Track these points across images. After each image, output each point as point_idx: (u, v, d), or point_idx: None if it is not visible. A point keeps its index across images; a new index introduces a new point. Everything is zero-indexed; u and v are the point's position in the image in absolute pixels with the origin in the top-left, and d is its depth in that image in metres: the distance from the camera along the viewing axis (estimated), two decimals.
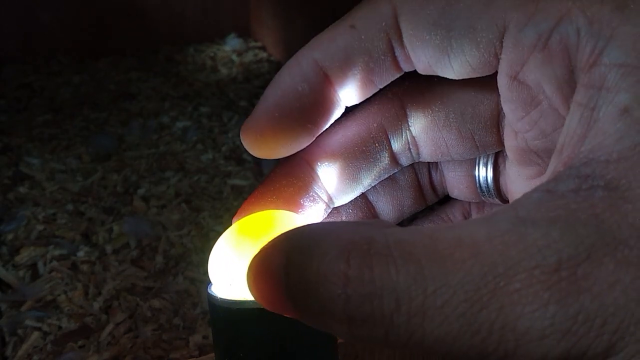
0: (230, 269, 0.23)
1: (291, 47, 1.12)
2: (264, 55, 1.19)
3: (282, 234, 0.19)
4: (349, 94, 0.24)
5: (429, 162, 0.28)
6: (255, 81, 1.08)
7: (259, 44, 1.23)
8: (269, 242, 0.19)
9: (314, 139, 0.25)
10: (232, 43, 1.22)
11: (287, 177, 0.25)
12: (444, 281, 0.17)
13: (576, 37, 0.20)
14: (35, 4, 1.12)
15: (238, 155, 0.84)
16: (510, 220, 0.17)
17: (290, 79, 0.24)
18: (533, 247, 0.17)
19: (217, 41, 1.23)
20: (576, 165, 0.18)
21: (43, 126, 0.92)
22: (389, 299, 0.17)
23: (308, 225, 0.19)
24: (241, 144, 0.24)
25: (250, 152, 0.24)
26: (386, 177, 0.27)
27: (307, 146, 0.25)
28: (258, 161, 0.83)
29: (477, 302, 0.16)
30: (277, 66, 1.14)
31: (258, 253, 0.19)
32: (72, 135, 0.89)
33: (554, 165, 0.20)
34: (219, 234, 0.24)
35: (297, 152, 0.25)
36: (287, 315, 0.19)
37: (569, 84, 0.21)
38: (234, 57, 1.18)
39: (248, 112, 0.98)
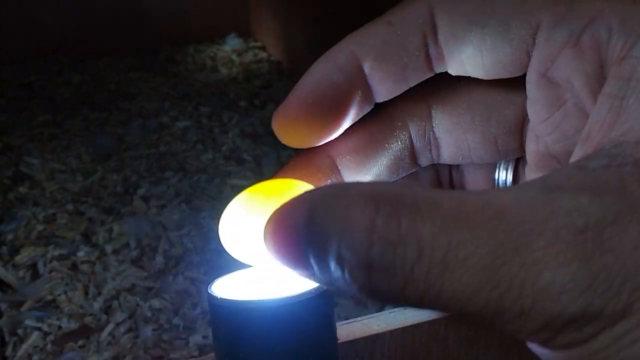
0: (241, 226, 0.23)
1: (291, 47, 1.12)
2: (264, 55, 1.19)
3: (305, 192, 0.19)
4: (381, 87, 0.25)
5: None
6: (255, 81, 1.08)
7: (259, 44, 1.23)
8: (291, 198, 0.19)
9: (343, 129, 0.25)
10: (232, 43, 1.22)
11: (307, 167, 0.26)
12: (468, 235, 0.17)
13: (607, 34, 0.21)
14: (35, 4, 1.12)
15: (238, 155, 0.84)
16: (540, 188, 0.18)
17: (325, 69, 0.24)
18: (561, 209, 0.17)
19: (217, 41, 1.23)
20: (607, 147, 0.19)
21: (43, 126, 0.92)
22: (412, 248, 0.17)
23: (335, 183, 0.20)
24: (241, 143, 0.24)
25: (280, 139, 0.25)
26: (403, 175, 0.27)
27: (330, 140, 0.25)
28: (258, 161, 0.83)
29: (499, 257, 0.17)
30: (277, 66, 1.14)
31: (278, 207, 0.19)
32: (72, 135, 0.89)
33: (580, 151, 0.21)
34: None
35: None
36: (303, 275, 0.19)
37: (597, 80, 0.21)
38: (234, 57, 1.18)
39: (248, 112, 0.98)
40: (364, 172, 0.26)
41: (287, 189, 0.24)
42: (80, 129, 0.91)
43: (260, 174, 0.80)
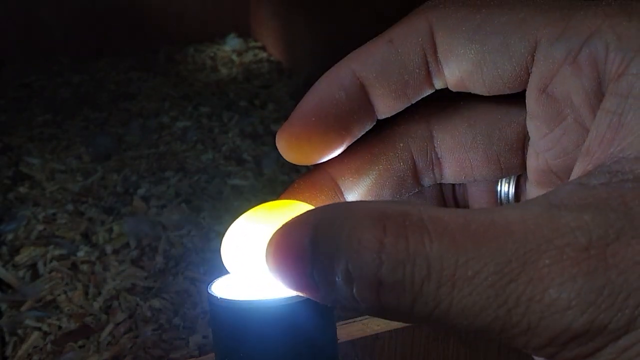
0: (243, 250, 0.23)
1: (291, 47, 1.12)
2: (264, 55, 1.19)
3: (307, 211, 0.19)
4: (382, 104, 0.25)
5: None
6: (255, 81, 1.08)
7: (259, 44, 1.23)
8: (292, 218, 0.19)
9: (345, 147, 0.25)
10: (232, 43, 1.22)
11: (310, 189, 0.26)
12: (476, 253, 0.17)
13: (605, 51, 0.21)
14: (35, 4, 1.12)
15: (238, 155, 0.85)
16: (544, 206, 0.18)
17: (328, 87, 0.25)
18: (565, 227, 0.18)
19: (217, 41, 1.24)
20: (607, 163, 0.19)
21: (43, 126, 0.92)
22: (421, 266, 0.17)
23: (339, 202, 0.20)
24: (241, 144, 0.25)
25: (284, 156, 0.25)
26: (407, 196, 0.27)
27: (332, 161, 0.26)
28: (258, 161, 0.83)
29: (506, 275, 0.17)
30: (277, 66, 1.14)
31: (280, 227, 0.19)
32: (72, 135, 0.89)
33: (580, 167, 0.21)
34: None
35: (321, 165, 0.26)
36: (305, 294, 0.19)
37: (596, 95, 0.22)
38: (234, 57, 1.18)
39: (248, 112, 0.98)
40: (367, 193, 0.26)
41: (289, 209, 0.24)
42: (80, 129, 0.91)
43: (260, 174, 0.80)
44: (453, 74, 0.24)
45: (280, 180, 0.79)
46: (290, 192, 0.26)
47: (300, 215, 0.20)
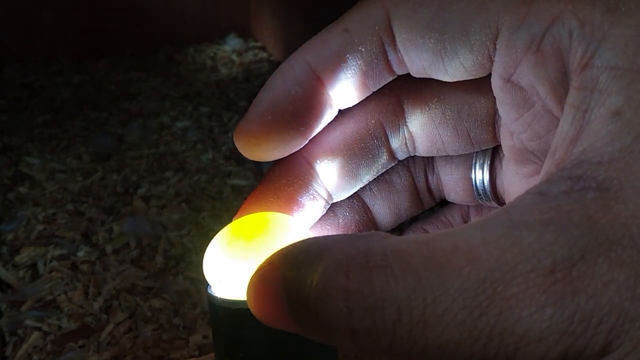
0: (221, 268, 0.23)
1: (291, 47, 1.12)
2: (264, 55, 1.19)
3: (278, 251, 0.19)
4: (342, 97, 0.25)
5: (425, 165, 0.28)
6: (255, 81, 1.08)
7: (259, 44, 1.23)
8: (266, 260, 0.19)
9: (307, 141, 0.25)
10: (232, 43, 1.22)
11: (286, 176, 0.26)
12: (442, 289, 0.17)
13: (568, 39, 0.20)
14: (35, 4, 1.12)
15: (238, 155, 0.84)
16: (505, 224, 0.18)
17: (283, 83, 0.24)
18: (528, 250, 0.17)
19: (217, 41, 1.23)
20: (568, 166, 0.18)
21: (43, 126, 0.92)
22: (391, 310, 0.17)
23: (303, 240, 0.20)
24: None
25: (244, 155, 0.25)
26: (384, 171, 0.27)
27: (306, 144, 0.25)
28: (258, 161, 0.83)
29: (476, 309, 0.17)
30: (277, 66, 1.13)
31: (255, 271, 0.20)
32: (72, 135, 0.89)
33: (546, 165, 0.20)
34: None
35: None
36: (292, 331, 0.19)
37: (562, 86, 0.21)
38: (234, 57, 1.18)
39: None
40: (343, 174, 0.26)
41: (265, 225, 0.24)
42: (80, 129, 0.91)
43: (260, 174, 0.80)
44: (414, 63, 0.23)
45: None
46: (267, 180, 0.26)
47: (271, 257, 0.19)
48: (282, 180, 0.25)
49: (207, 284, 0.24)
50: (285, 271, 0.18)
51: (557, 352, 0.17)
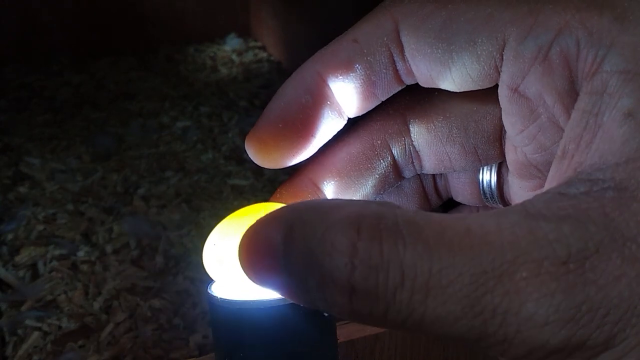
0: (219, 248, 0.23)
1: (291, 47, 1.12)
2: (264, 55, 1.19)
3: (282, 207, 0.19)
4: (351, 106, 0.25)
5: None
6: (255, 81, 1.08)
7: (259, 44, 1.23)
8: (267, 214, 0.19)
9: (317, 149, 0.25)
10: (232, 43, 1.22)
11: (292, 197, 0.26)
12: (450, 262, 0.17)
13: (576, 48, 0.20)
14: (35, 4, 1.12)
15: (238, 155, 0.84)
16: (521, 214, 0.18)
17: (293, 91, 0.25)
18: (544, 239, 0.17)
19: (217, 41, 1.23)
20: (587, 170, 0.19)
21: (43, 126, 0.92)
22: (395, 273, 0.17)
23: (314, 199, 0.19)
24: (241, 143, 0.25)
25: (254, 161, 0.25)
26: (390, 189, 0.27)
27: (311, 165, 0.26)
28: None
29: (482, 286, 0.17)
30: (277, 66, 1.14)
31: (254, 223, 0.19)
32: (72, 135, 0.89)
33: (557, 170, 0.20)
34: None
35: (302, 171, 0.26)
36: (279, 293, 0.19)
37: (569, 95, 0.21)
38: (234, 57, 1.18)
39: (248, 112, 0.98)
40: (349, 195, 0.26)
41: (264, 210, 0.24)
42: (80, 129, 0.91)
43: (260, 174, 0.80)
44: (422, 73, 0.24)
45: (280, 180, 0.79)
46: (273, 201, 0.26)
47: (275, 210, 0.19)
48: (288, 201, 0.26)
49: (207, 284, 0.24)
50: (289, 224, 0.18)
51: (559, 339, 0.17)
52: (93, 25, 1.16)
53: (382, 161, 0.26)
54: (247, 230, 0.19)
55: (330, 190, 0.26)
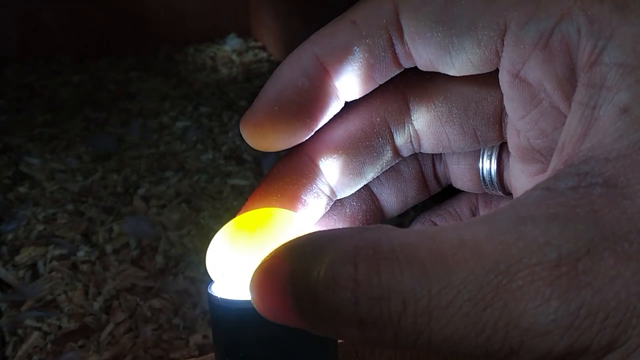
0: (223, 262, 0.23)
1: (291, 47, 1.12)
2: (264, 55, 1.19)
3: (282, 244, 0.19)
4: (348, 89, 0.24)
5: (432, 154, 0.28)
6: (255, 81, 1.08)
7: (259, 44, 1.23)
8: (270, 253, 0.19)
9: (313, 133, 0.25)
10: (232, 43, 1.22)
11: (290, 174, 0.25)
12: (447, 281, 0.17)
13: (577, 36, 0.20)
14: (35, 4, 1.12)
15: (238, 155, 0.84)
16: (511, 219, 0.18)
17: (290, 73, 0.24)
18: (533, 244, 0.17)
19: (217, 41, 1.23)
20: (575, 163, 0.18)
21: (43, 126, 0.92)
22: (396, 301, 0.17)
23: (310, 233, 0.19)
24: (241, 143, 0.25)
25: (250, 144, 0.25)
26: (388, 168, 0.27)
27: (309, 141, 0.25)
28: (258, 161, 0.83)
29: (480, 301, 0.17)
30: (277, 66, 1.13)
31: (259, 265, 0.19)
32: (72, 135, 0.89)
33: (554, 161, 0.20)
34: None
35: (300, 147, 0.25)
36: (295, 326, 0.19)
37: (570, 82, 0.21)
38: (234, 57, 1.18)
39: None
40: (347, 172, 0.26)
41: (269, 220, 0.24)
42: (80, 129, 0.91)
43: (260, 174, 0.80)
44: (421, 56, 0.23)
45: None
46: (270, 178, 0.26)
47: (276, 250, 0.19)
48: (285, 178, 0.25)
49: (207, 284, 0.24)
50: (291, 263, 0.18)
51: (562, 346, 0.17)
52: (93, 25, 1.16)
53: (380, 139, 0.26)
54: (254, 273, 0.19)
55: (327, 167, 0.26)
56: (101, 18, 1.16)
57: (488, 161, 0.27)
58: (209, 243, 0.24)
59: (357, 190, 0.27)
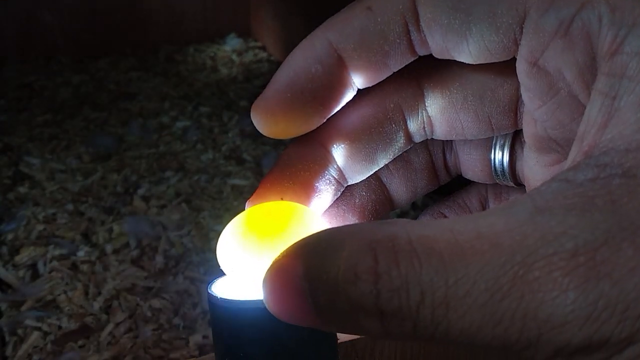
0: (234, 259, 0.23)
1: (291, 47, 1.12)
2: (264, 55, 1.19)
3: (294, 243, 0.19)
4: (362, 76, 0.24)
5: (443, 144, 0.28)
6: (255, 81, 1.08)
7: (259, 44, 1.23)
8: (282, 253, 0.19)
9: (325, 120, 0.25)
10: (232, 43, 1.22)
11: (302, 161, 0.25)
12: (464, 272, 0.17)
13: (598, 24, 0.20)
14: (35, 4, 1.12)
15: (238, 155, 0.84)
16: (528, 210, 0.17)
17: (303, 60, 0.24)
18: (550, 234, 0.17)
19: (217, 41, 1.23)
20: (595, 154, 0.18)
21: (43, 126, 0.92)
22: (415, 292, 0.17)
23: (322, 230, 0.19)
24: (241, 143, 0.24)
25: (260, 131, 0.24)
26: (398, 157, 0.27)
27: (321, 127, 0.25)
28: (258, 161, 0.83)
29: (497, 292, 0.17)
30: (277, 66, 1.14)
31: (271, 265, 0.19)
32: (72, 135, 0.89)
33: (573, 152, 0.20)
34: (219, 234, 0.24)
35: (311, 133, 0.25)
36: (309, 325, 0.19)
37: (590, 71, 0.21)
38: (234, 57, 1.18)
39: (248, 112, 0.98)
40: (359, 158, 0.26)
41: (281, 218, 0.24)
42: (80, 129, 0.91)
43: (260, 174, 0.80)
44: (437, 44, 0.23)
45: None
46: (282, 164, 0.25)
47: (288, 249, 0.19)
48: (297, 164, 0.25)
49: (207, 284, 0.24)
50: (307, 261, 0.18)
51: (580, 338, 0.16)
52: (93, 25, 1.16)
53: (394, 125, 0.26)
54: (267, 272, 0.19)
55: (339, 154, 0.25)
56: (101, 18, 1.16)
57: (500, 151, 0.27)
58: (209, 243, 0.24)
59: (367, 180, 0.27)
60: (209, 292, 0.23)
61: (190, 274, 0.62)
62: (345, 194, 0.27)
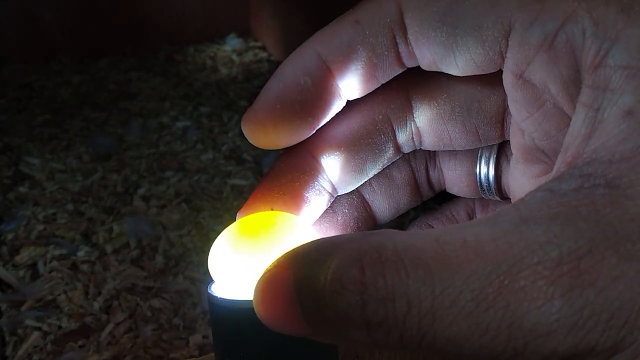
0: (226, 270, 0.23)
1: (291, 47, 1.12)
2: (264, 55, 1.19)
3: (285, 253, 0.19)
4: (351, 88, 0.24)
5: (426, 160, 0.28)
6: (255, 81, 1.08)
7: (259, 44, 1.23)
8: (273, 262, 0.19)
9: (314, 131, 0.25)
10: (232, 43, 1.22)
11: (292, 172, 0.25)
12: (450, 282, 0.17)
13: (582, 37, 0.20)
14: (35, 4, 1.12)
15: (238, 155, 0.84)
16: (513, 220, 0.18)
17: (292, 72, 0.24)
18: (535, 243, 0.17)
19: (217, 41, 1.23)
20: (579, 165, 0.18)
21: (43, 126, 0.92)
22: (401, 302, 0.17)
23: (313, 241, 0.20)
24: (241, 143, 0.24)
25: (250, 142, 0.25)
26: (388, 164, 0.27)
27: (311, 138, 0.25)
28: (258, 161, 0.83)
29: (483, 301, 0.17)
30: (277, 66, 1.14)
31: (262, 275, 0.19)
32: (72, 135, 0.89)
33: (559, 164, 0.20)
34: (219, 234, 0.24)
35: (301, 144, 0.25)
36: (299, 335, 0.19)
37: (574, 84, 0.21)
38: (234, 57, 1.18)
39: None
40: (349, 169, 0.26)
41: (271, 227, 0.24)
42: (80, 129, 0.91)
43: (260, 174, 0.80)
44: (424, 56, 0.23)
45: None
46: (272, 175, 0.26)
47: (278, 259, 0.19)
48: (287, 175, 0.25)
49: (207, 284, 0.24)
50: (296, 270, 0.18)
51: (566, 347, 0.16)
52: (93, 25, 1.16)
53: (382, 136, 0.26)
54: (258, 282, 0.19)
55: (329, 164, 0.26)
56: (101, 18, 1.16)
57: (486, 166, 0.27)
58: (209, 243, 0.24)
59: (349, 197, 0.27)
60: (209, 292, 0.23)
61: (190, 274, 0.62)
62: (328, 211, 0.27)
